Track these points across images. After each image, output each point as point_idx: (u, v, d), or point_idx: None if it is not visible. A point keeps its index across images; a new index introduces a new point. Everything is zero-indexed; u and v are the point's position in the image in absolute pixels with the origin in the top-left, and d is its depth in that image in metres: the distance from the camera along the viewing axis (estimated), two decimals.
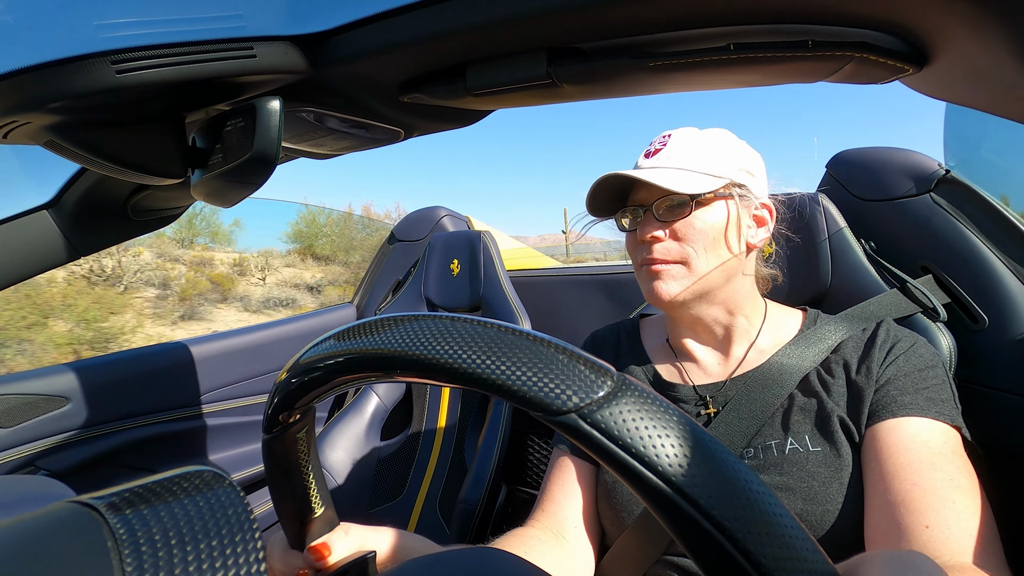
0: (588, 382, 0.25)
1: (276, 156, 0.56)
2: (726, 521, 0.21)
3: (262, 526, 1.35)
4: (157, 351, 1.28)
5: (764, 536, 0.21)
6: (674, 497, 0.22)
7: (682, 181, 0.67)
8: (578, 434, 0.24)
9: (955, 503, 0.53)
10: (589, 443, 0.24)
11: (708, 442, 0.23)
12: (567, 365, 0.25)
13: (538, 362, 0.25)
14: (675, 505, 0.22)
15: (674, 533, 0.23)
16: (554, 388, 0.24)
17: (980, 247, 0.78)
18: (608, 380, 0.25)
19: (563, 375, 0.25)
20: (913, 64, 0.46)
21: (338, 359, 0.31)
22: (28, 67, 0.46)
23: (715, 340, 0.74)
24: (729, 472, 0.22)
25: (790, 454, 0.63)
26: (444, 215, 1.65)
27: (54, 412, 1.12)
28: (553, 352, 0.26)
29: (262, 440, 0.39)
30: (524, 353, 0.26)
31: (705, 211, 0.69)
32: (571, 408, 0.24)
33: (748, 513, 0.21)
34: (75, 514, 0.19)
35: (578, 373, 0.25)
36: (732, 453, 0.24)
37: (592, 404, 0.24)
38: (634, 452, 0.23)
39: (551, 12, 0.45)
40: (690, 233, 0.68)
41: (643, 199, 0.71)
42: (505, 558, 0.34)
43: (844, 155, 0.98)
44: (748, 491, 0.22)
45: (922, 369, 0.63)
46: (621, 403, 0.24)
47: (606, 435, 0.23)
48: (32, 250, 0.87)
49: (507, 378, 0.25)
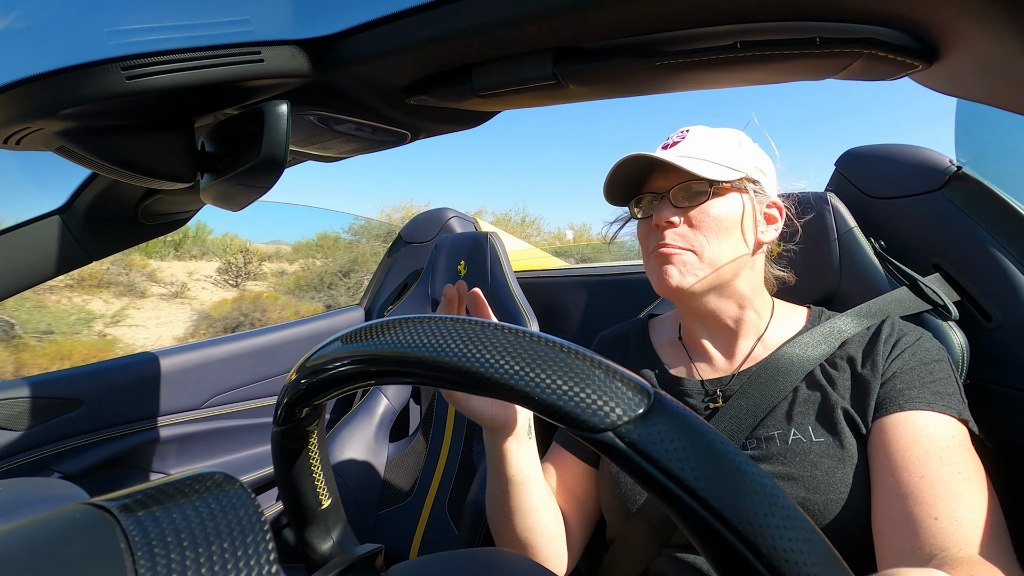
0: (625, 399, 0.24)
1: (284, 159, 0.56)
2: (762, 548, 0.21)
3: (273, 527, 1.36)
4: (168, 354, 1.29)
5: (798, 564, 0.21)
6: (711, 520, 0.22)
7: (701, 167, 0.68)
8: (614, 453, 0.24)
9: (963, 495, 0.53)
10: (626, 462, 0.23)
11: (745, 464, 0.23)
12: (604, 381, 0.25)
13: (575, 376, 0.25)
14: (711, 528, 0.22)
15: (707, 554, 0.22)
16: (591, 404, 0.24)
17: (992, 244, 0.77)
18: (645, 397, 0.24)
19: (600, 391, 0.24)
20: (923, 60, 0.45)
21: (360, 360, 0.30)
22: (40, 74, 0.47)
23: (725, 334, 0.74)
24: (768, 496, 0.22)
25: (793, 444, 0.63)
26: (451, 216, 1.65)
27: (68, 415, 1.13)
28: (589, 366, 0.25)
29: (272, 432, 0.39)
30: (560, 365, 0.25)
31: (721, 200, 0.69)
32: (608, 426, 0.24)
33: (784, 541, 0.21)
34: (88, 516, 0.20)
35: (615, 389, 0.25)
36: (768, 477, 0.23)
37: (629, 422, 0.24)
38: (673, 475, 0.23)
39: (557, 13, 0.45)
40: (705, 221, 0.69)
41: (660, 186, 0.71)
42: (515, 559, 0.34)
43: (854, 152, 0.97)
44: (784, 517, 0.22)
45: (928, 363, 0.63)
46: (658, 422, 0.24)
47: (643, 456, 0.23)
48: (45, 255, 0.89)
49: (541, 391, 0.25)
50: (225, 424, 1.35)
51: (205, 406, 1.32)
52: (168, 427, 1.26)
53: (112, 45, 0.47)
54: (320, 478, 0.42)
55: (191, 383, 1.30)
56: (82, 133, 0.55)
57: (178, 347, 1.32)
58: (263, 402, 1.41)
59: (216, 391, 1.33)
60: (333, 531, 0.45)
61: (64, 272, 0.92)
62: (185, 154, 0.62)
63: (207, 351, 1.33)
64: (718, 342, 0.75)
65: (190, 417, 1.29)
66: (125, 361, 1.24)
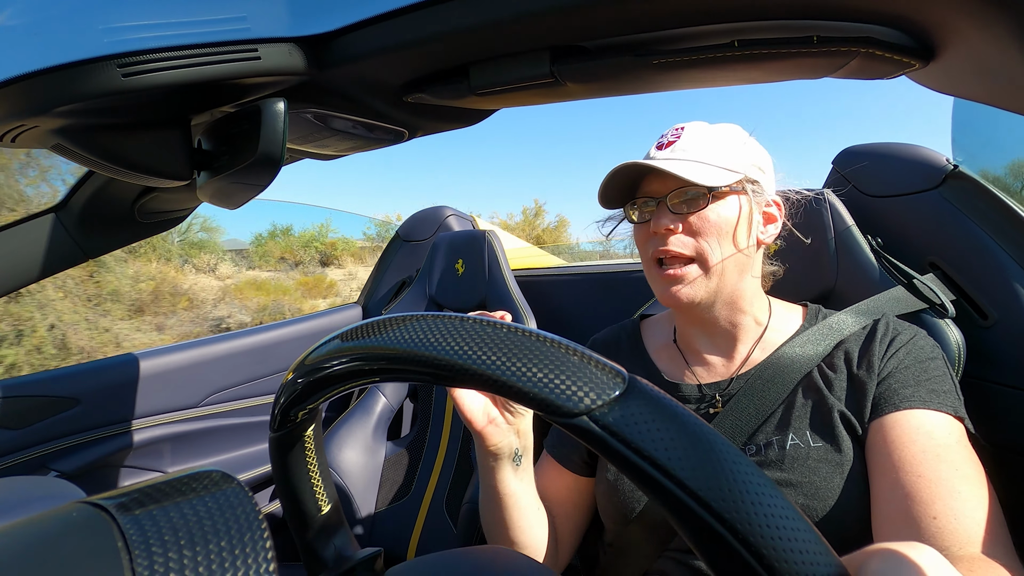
0: (599, 384, 0.24)
1: (281, 157, 0.56)
2: (737, 524, 0.21)
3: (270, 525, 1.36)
4: (165, 352, 1.29)
5: (776, 539, 0.21)
6: (686, 500, 0.22)
7: (699, 173, 0.66)
8: (590, 436, 0.24)
9: (961, 493, 0.53)
10: (601, 445, 0.24)
11: (719, 444, 0.23)
12: (578, 366, 0.25)
13: (548, 363, 0.25)
14: (687, 508, 0.22)
15: (684, 534, 0.23)
16: (565, 390, 0.24)
17: (989, 242, 0.77)
18: (620, 381, 0.25)
19: (574, 376, 0.25)
20: (920, 59, 0.45)
21: (344, 359, 0.31)
22: (35, 71, 0.46)
23: (723, 339, 0.74)
24: (739, 474, 0.22)
25: (791, 450, 0.63)
26: (449, 215, 1.65)
27: (64, 414, 1.13)
28: (564, 353, 0.26)
29: (269, 438, 0.39)
30: (534, 354, 0.26)
31: (720, 205, 0.68)
32: (582, 410, 0.24)
33: (760, 517, 0.21)
34: (85, 515, 0.20)
35: (589, 374, 0.25)
36: (742, 455, 0.23)
37: (604, 406, 0.24)
38: (646, 455, 0.23)
39: (554, 11, 0.45)
40: (705, 227, 0.67)
41: (656, 190, 0.69)
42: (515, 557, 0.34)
43: (851, 151, 0.97)
44: (759, 493, 0.22)
45: (923, 361, 0.63)
46: (633, 405, 0.24)
47: (617, 438, 0.23)
48: (41, 253, 0.88)
49: (516, 379, 0.25)
50: (222, 422, 1.35)
51: (202, 404, 1.32)
52: (165, 425, 1.26)
53: (108, 42, 0.46)
54: (319, 483, 0.42)
55: (188, 381, 1.30)
56: (78, 131, 0.54)
57: (175, 345, 1.32)
58: (260, 400, 1.41)
59: (213, 389, 1.33)
60: (333, 536, 0.45)
61: (60, 270, 0.91)
62: (182, 152, 0.62)
63: (204, 349, 1.33)
64: (716, 346, 0.74)
65: (187, 416, 1.29)
66: (122, 359, 1.24)
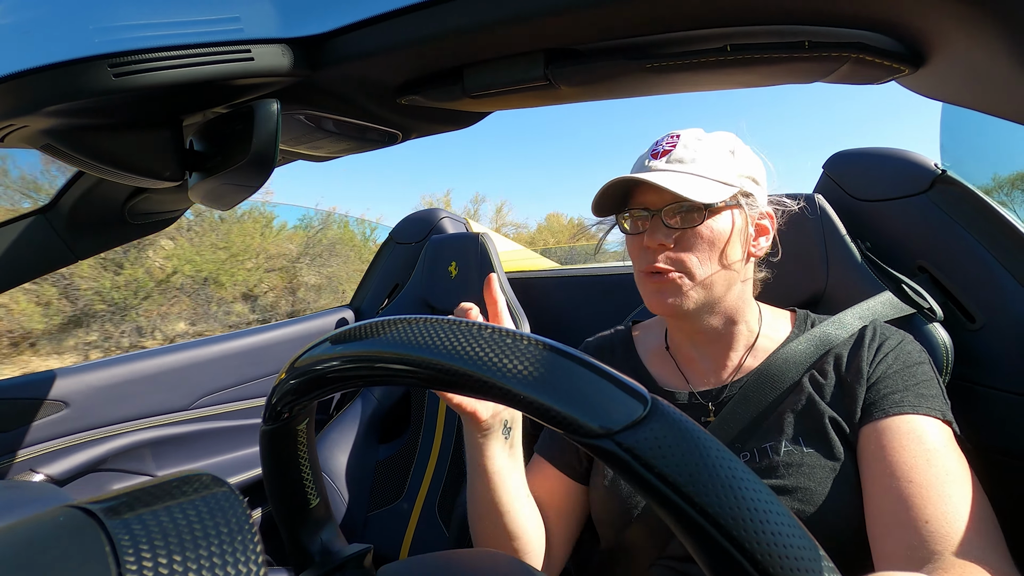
0: (623, 405, 0.24)
1: (274, 158, 0.56)
2: (757, 555, 0.21)
3: (260, 529, 1.35)
4: (156, 354, 1.28)
5: (794, 572, 0.21)
6: (707, 527, 0.22)
7: (696, 188, 0.65)
8: (613, 459, 0.23)
9: (952, 496, 0.53)
10: (624, 468, 0.23)
11: (739, 472, 0.23)
12: (602, 386, 0.25)
13: (572, 381, 0.25)
14: (707, 534, 0.22)
15: (700, 557, 0.22)
16: (588, 410, 0.24)
17: (976, 246, 0.78)
18: (642, 404, 0.24)
19: (597, 396, 0.24)
20: (909, 64, 0.46)
21: (356, 362, 0.30)
22: (25, 70, 0.46)
23: (715, 347, 0.74)
24: (759, 502, 0.22)
25: (785, 456, 0.63)
26: (443, 217, 1.65)
27: (52, 416, 1.11)
28: (587, 371, 0.25)
29: (260, 431, 0.39)
30: (558, 370, 0.25)
31: (714, 220, 0.67)
32: (605, 432, 0.23)
33: (781, 548, 0.21)
34: (73, 519, 0.19)
35: (612, 395, 0.24)
36: (762, 484, 0.23)
37: (627, 428, 0.23)
38: (670, 481, 0.22)
39: (548, 14, 0.45)
40: (698, 242, 0.67)
41: (651, 202, 0.69)
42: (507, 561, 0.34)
43: (841, 155, 0.98)
44: (778, 523, 0.22)
45: (911, 366, 0.64)
46: (656, 428, 0.23)
47: (640, 462, 0.23)
48: (29, 254, 0.87)
49: (538, 395, 0.25)
50: (213, 425, 1.34)
51: (193, 407, 1.30)
52: (155, 428, 1.24)
53: (99, 42, 0.46)
54: (308, 477, 0.42)
55: (179, 384, 1.28)
56: (68, 131, 0.54)
57: (166, 347, 1.31)
58: (252, 403, 1.40)
59: (204, 392, 1.32)
60: (321, 531, 0.44)
61: (49, 271, 0.90)
62: (173, 153, 0.61)
63: (195, 352, 1.32)
64: (708, 353, 0.74)
65: (178, 418, 1.28)
66: (111, 361, 1.23)
